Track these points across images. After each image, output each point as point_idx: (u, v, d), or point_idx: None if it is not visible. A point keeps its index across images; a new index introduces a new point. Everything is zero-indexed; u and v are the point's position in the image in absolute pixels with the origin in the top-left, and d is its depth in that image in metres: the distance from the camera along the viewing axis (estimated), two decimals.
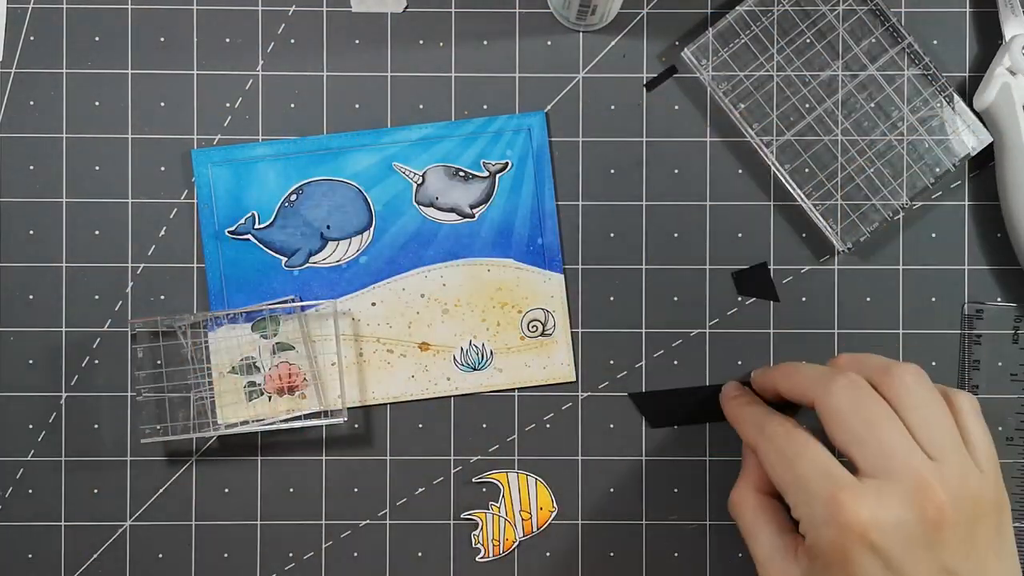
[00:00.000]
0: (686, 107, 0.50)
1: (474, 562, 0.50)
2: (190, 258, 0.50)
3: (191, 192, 0.50)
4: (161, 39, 0.50)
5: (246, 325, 0.49)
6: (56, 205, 0.50)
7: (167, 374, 0.49)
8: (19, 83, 0.50)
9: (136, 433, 0.50)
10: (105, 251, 0.50)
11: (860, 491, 0.38)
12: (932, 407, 0.40)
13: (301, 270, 0.50)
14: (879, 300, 0.50)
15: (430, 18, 0.50)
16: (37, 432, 0.50)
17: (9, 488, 0.50)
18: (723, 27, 0.49)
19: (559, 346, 0.50)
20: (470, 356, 0.50)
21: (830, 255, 0.50)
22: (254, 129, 0.50)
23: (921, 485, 0.38)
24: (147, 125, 0.50)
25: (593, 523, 0.50)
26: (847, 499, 0.38)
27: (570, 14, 0.49)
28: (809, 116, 0.50)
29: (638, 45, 0.50)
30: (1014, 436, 0.50)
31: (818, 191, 0.50)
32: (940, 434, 0.39)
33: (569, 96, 0.50)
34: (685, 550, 0.50)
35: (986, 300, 0.50)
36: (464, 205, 0.50)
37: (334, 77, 0.50)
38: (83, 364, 0.50)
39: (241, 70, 0.50)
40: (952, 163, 0.49)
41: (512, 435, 0.50)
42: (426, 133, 0.50)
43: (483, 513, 0.50)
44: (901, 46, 0.49)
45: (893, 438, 0.39)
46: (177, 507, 0.50)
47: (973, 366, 0.50)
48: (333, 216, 0.50)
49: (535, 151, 0.50)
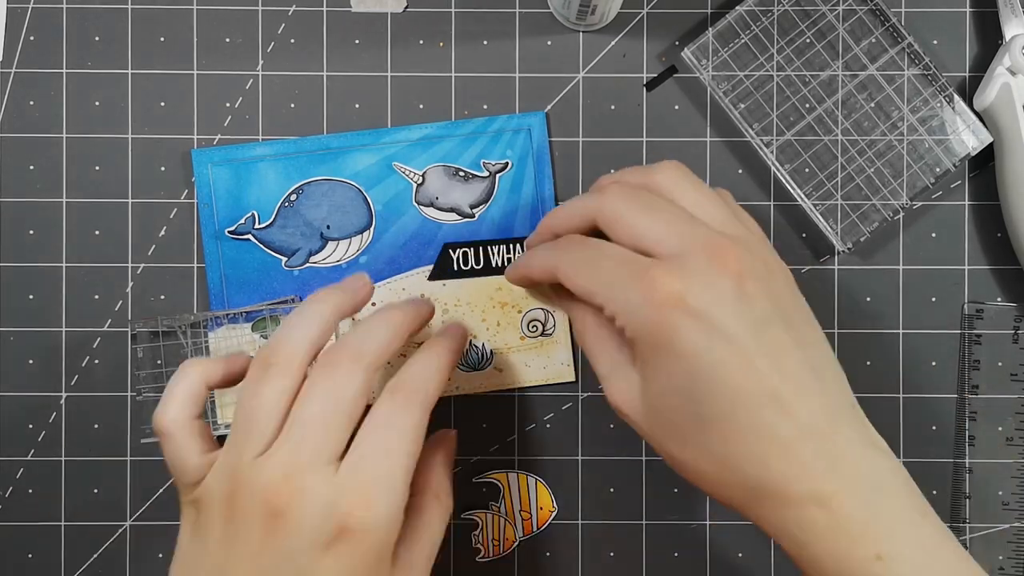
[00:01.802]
0: (686, 107, 0.50)
1: (474, 562, 0.50)
2: (190, 258, 0.50)
3: (191, 192, 0.50)
4: (161, 39, 0.50)
5: (246, 325, 0.49)
6: (56, 205, 0.50)
7: (167, 374, 0.49)
8: (19, 83, 0.50)
9: (136, 433, 0.50)
10: (105, 251, 0.50)
11: (666, 267, 0.38)
12: (701, 189, 0.41)
13: (301, 270, 0.50)
14: (879, 300, 0.50)
15: (430, 18, 0.50)
16: (37, 432, 0.50)
17: (9, 488, 0.50)
18: (723, 27, 0.50)
19: (559, 346, 0.50)
20: (470, 356, 0.50)
21: (830, 255, 0.50)
22: (254, 129, 0.50)
23: (717, 247, 0.38)
24: (147, 125, 0.50)
25: (593, 523, 0.50)
26: (656, 275, 0.38)
27: (570, 14, 0.49)
28: (809, 116, 0.50)
29: (638, 45, 0.50)
30: (1014, 436, 0.50)
31: (818, 191, 0.50)
32: (715, 210, 0.40)
33: (569, 96, 0.50)
34: (685, 550, 0.50)
35: (986, 300, 0.50)
36: (464, 205, 0.50)
37: (334, 77, 0.50)
38: (83, 364, 0.50)
39: (241, 70, 0.50)
40: (952, 163, 0.49)
41: (512, 435, 0.50)
42: (426, 133, 0.50)
43: (483, 513, 0.50)
44: (901, 46, 0.49)
45: (676, 218, 0.39)
46: (177, 507, 0.50)
47: (973, 366, 0.50)
48: (333, 216, 0.50)
49: (535, 151, 0.50)
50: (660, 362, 0.38)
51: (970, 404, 0.50)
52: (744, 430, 0.37)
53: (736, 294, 0.38)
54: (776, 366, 0.37)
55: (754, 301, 0.38)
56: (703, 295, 0.37)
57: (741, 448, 0.37)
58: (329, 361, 0.40)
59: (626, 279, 0.38)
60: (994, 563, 0.50)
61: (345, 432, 0.39)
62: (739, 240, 0.39)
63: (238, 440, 0.39)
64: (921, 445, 0.50)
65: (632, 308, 0.38)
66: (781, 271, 0.40)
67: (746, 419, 0.37)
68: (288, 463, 0.38)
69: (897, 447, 0.50)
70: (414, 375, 0.41)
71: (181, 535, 0.41)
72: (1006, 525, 0.50)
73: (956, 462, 0.50)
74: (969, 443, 0.50)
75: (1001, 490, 0.50)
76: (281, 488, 0.38)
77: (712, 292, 0.37)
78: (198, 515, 0.40)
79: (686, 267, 0.38)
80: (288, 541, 0.38)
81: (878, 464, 0.37)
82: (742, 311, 0.37)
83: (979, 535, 0.50)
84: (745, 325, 0.37)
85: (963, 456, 0.50)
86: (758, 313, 0.38)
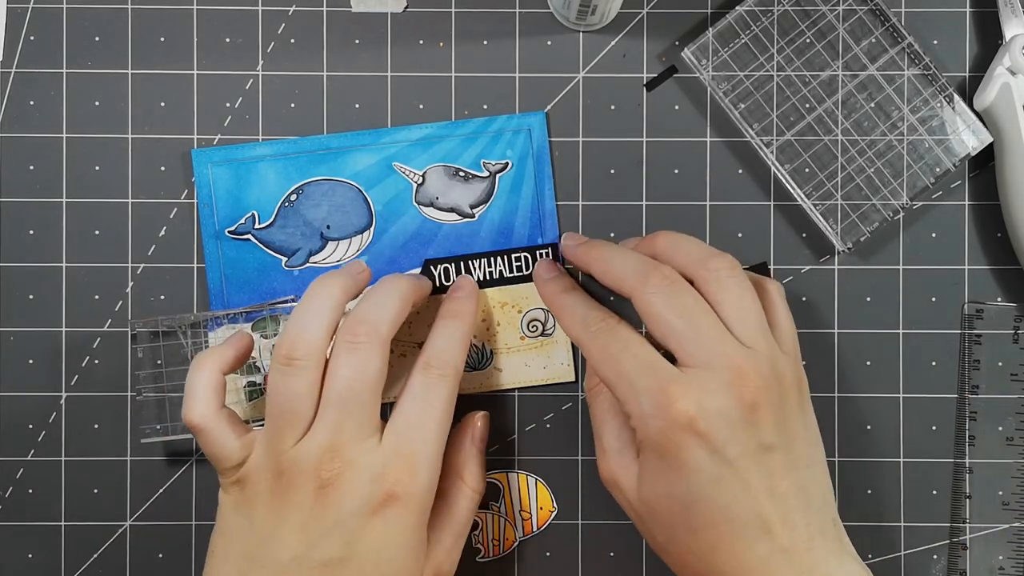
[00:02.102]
0: (686, 107, 0.50)
1: (474, 562, 0.50)
2: (190, 258, 0.50)
3: (191, 192, 0.50)
4: (161, 39, 0.50)
5: (246, 325, 0.49)
6: (56, 205, 0.50)
7: (167, 374, 0.49)
8: (19, 83, 0.50)
9: (136, 433, 0.50)
10: (105, 251, 0.50)
11: (684, 383, 0.40)
12: (745, 298, 0.43)
13: (301, 270, 0.50)
14: (879, 300, 0.50)
15: (430, 18, 0.50)
16: (37, 432, 0.50)
17: (9, 488, 0.50)
18: (723, 27, 0.49)
19: (559, 346, 0.50)
20: (470, 356, 0.50)
21: (830, 255, 0.50)
22: (254, 129, 0.50)
23: (738, 373, 0.41)
24: (147, 125, 0.50)
25: (593, 523, 0.50)
26: (673, 392, 0.40)
27: (570, 14, 0.49)
28: (809, 116, 0.50)
29: (638, 45, 0.50)
30: (1014, 436, 0.50)
31: (818, 191, 0.50)
32: (752, 323, 0.42)
33: (569, 96, 0.50)
34: None
35: (986, 300, 0.50)
36: (464, 205, 0.50)
37: (334, 77, 0.50)
38: (83, 364, 0.50)
39: (241, 70, 0.50)
40: (952, 163, 0.49)
41: (512, 435, 0.50)
42: (426, 133, 0.50)
43: (483, 513, 0.50)
44: (901, 46, 0.49)
45: (709, 331, 0.41)
46: (177, 507, 0.50)
47: (973, 366, 0.50)
48: (333, 216, 0.50)
49: (535, 151, 0.50)
50: (663, 470, 0.41)
51: (970, 404, 0.50)
52: (729, 541, 0.40)
53: (745, 422, 0.40)
54: (769, 491, 0.40)
55: (762, 429, 0.41)
56: (713, 422, 0.40)
57: (724, 556, 0.40)
58: (351, 341, 0.42)
59: (646, 386, 0.41)
60: (994, 563, 0.50)
61: (377, 403, 0.42)
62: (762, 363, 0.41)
63: (278, 428, 0.42)
64: (921, 445, 0.50)
65: (646, 415, 0.41)
66: (797, 391, 0.43)
67: (730, 533, 0.40)
68: (333, 439, 0.41)
69: (897, 447, 0.50)
70: (442, 351, 0.45)
71: (222, 512, 0.44)
72: (1006, 525, 0.50)
73: (956, 462, 0.50)
74: (969, 443, 0.50)
75: (1001, 490, 0.50)
76: (331, 462, 0.41)
77: (722, 419, 0.40)
78: (243, 492, 0.43)
79: (704, 387, 0.40)
80: (337, 508, 0.41)
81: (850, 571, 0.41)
82: (748, 438, 0.40)
83: (979, 535, 0.50)
84: (748, 451, 0.40)
85: (963, 456, 0.50)
86: (763, 440, 0.41)
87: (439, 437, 0.43)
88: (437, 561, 0.44)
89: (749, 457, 0.40)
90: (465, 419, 0.49)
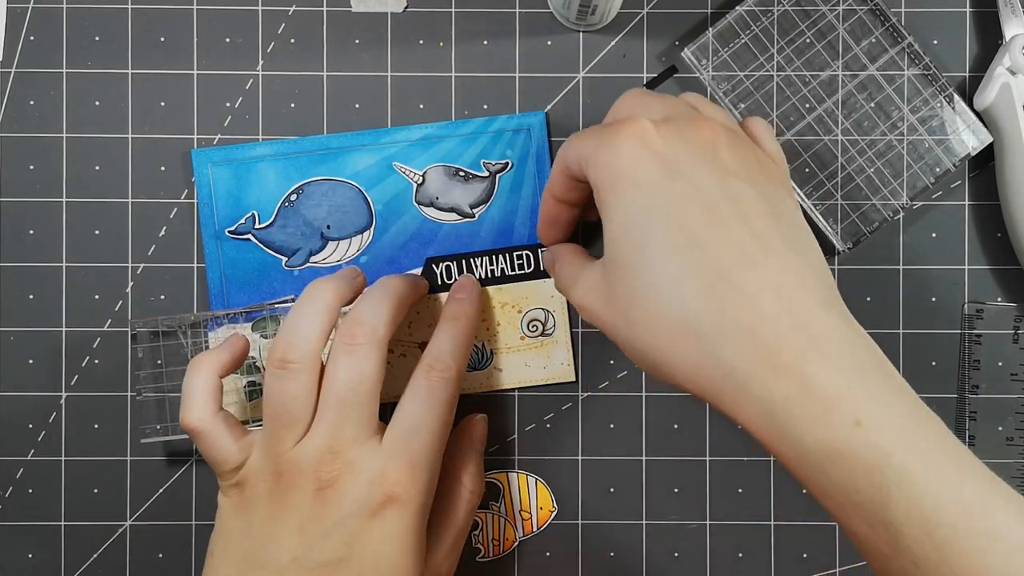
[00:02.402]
0: None
1: (474, 562, 0.50)
2: (190, 258, 0.50)
3: (191, 192, 0.50)
4: (161, 39, 0.50)
5: (246, 325, 0.49)
6: (56, 205, 0.50)
7: (167, 374, 0.49)
8: (19, 83, 0.50)
9: (136, 433, 0.50)
10: (105, 251, 0.50)
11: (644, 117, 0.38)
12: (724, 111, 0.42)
13: (301, 270, 0.50)
14: (879, 300, 0.50)
15: (430, 18, 0.50)
16: (37, 432, 0.50)
17: (9, 488, 0.50)
18: (723, 27, 0.50)
19: (559, 346, 0.50)
20: (470, 356, 0.50)
21: (830, 255, 0.50)
22: (254, 129, 0.50)
23: (700, 118, 0.39)
24: (147, 125, 0.50)
25: (593, 523, 0.50)
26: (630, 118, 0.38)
27: (570, 14, 0.49)
28: (809, 116, 0.50)
29: (638, 45, 0.50)
30: (1014, 436, 0.50)
31: (818, 191, 0.50)
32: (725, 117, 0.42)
33: (569, 96, 0.50)
34: (685, 550, 0.50)
35: (986, 300, 0.50)
36: (464, 205, 0.50)
37: (334, 77, 0.50)
38: (83, 364, 0.50)
39: (241, 70, 0.50)
40: (952, 163, 0.49)
41: (512, 435, 0.50)
42: (426, 133, 0.50)
43: (483, 513, 0.50)
44: (901, 46, 0.49)
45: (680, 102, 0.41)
46: (177, 507, 0.50)
47: (973, 366, 0.50)
48: (333, 216, 0.50)
49: (535, 151, 0.50)
50: (618, 198, 0.37)
51: (970, 404, 0.50)
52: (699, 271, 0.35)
53: (709, 154, 0.37)
54: (743, 219, 0.36)
55: (727, 166, 0.37)
56: (672, 141, 0.37)
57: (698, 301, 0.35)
58: (349, 343, 0.42)
59: (602, 129, 0.39)
60: None
61: (375, 404, 0.42)
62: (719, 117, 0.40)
63: (276, 430, 0.42)
64: None
65: (599, 146, 0.38)
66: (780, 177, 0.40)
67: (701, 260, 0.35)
68: (332, 441, 0.41)
69: None
70: (445, 353, 0.45)
71: (221, 515, 0.43)
72: None
73: None
74: (969, 443, 0.50)
75: None
76: (330, 463, 0.41)
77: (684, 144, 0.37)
78: (242, 494, 0.43)
79: (665, 122, 0.38)
80: (337, 510, 0.41)
81: (854, 340, 0.36)
82: (711, 167, 0.37)
83: None
84: (713, 177, 0.36)
85: None
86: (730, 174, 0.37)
87: (439, 439, 0.43)
88: (436, 563, 0.44)
89: (714, 182, 0.36)
90: (464, 421, 0.49)
